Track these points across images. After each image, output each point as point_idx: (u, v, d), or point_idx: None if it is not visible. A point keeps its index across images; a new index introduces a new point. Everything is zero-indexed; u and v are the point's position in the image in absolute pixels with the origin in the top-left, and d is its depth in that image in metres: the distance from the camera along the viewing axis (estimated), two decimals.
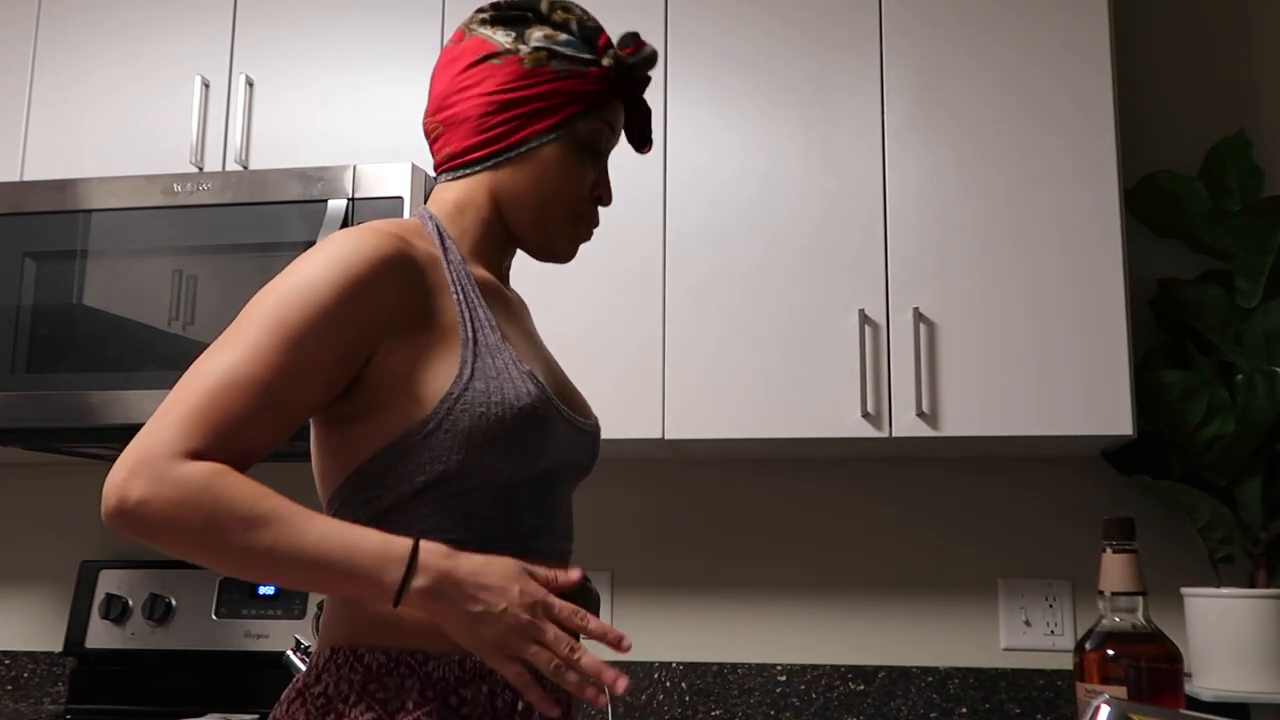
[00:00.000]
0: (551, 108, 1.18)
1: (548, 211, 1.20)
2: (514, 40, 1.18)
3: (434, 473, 1.08)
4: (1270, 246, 2.11)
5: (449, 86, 1.20)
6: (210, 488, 0.97)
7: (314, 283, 1.05)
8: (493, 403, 1.09)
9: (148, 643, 2.38)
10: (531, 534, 1.14)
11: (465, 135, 1.19)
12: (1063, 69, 2.07)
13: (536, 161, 1.19)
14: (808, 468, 2.38)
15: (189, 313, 2.14)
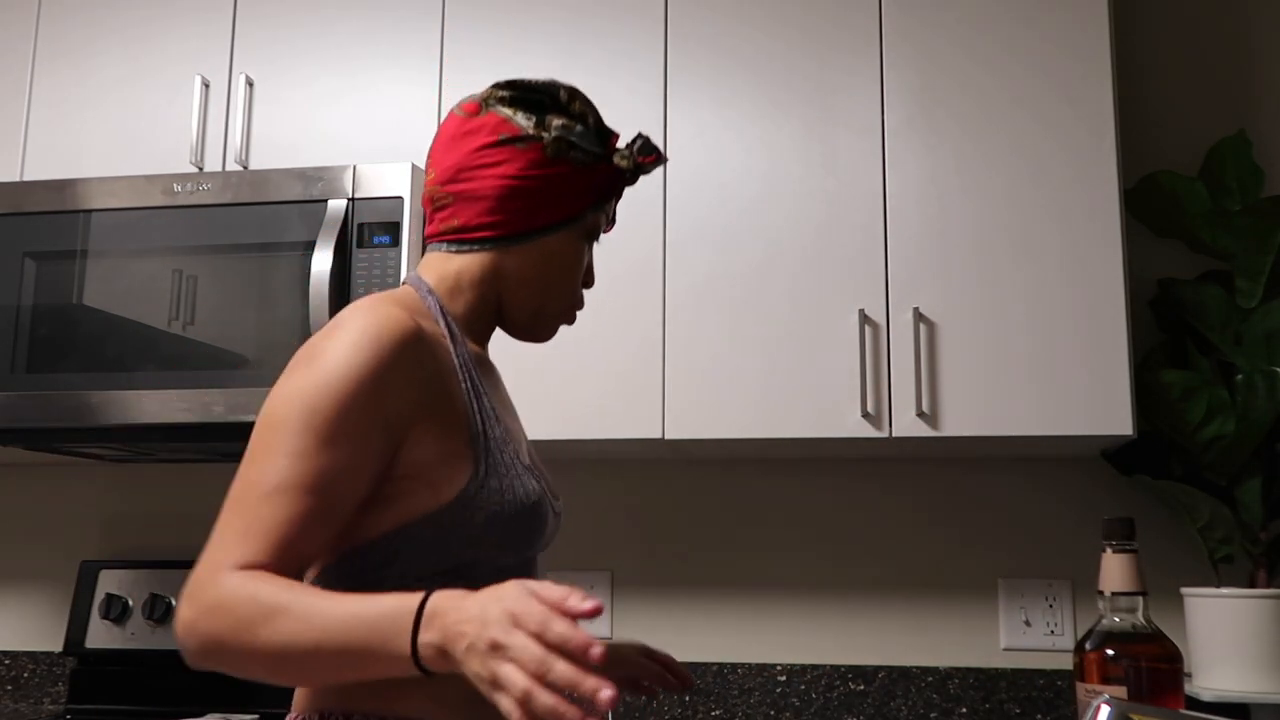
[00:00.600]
0: (565, 199, 1.19)
1: (547, 295, 1.22)
2: (535, 126, 1.18)
3: (443, 566, 1.09)
4: (1270, 246, 2.11)
5: (465, 160, 1.19)
6: (240, 589, 0.95)
7: (343, 373, 1.03)
8: (506, 500, 1.10)
9: (148, 643, 2.38)
10: None
11: (479, 213, 1.18)
12: (1063, 69, 2.07)
13: (543, 247, 1.20)
14: (808, 468, 2.38)
15: (189, 313, 2.14)
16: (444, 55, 2.27)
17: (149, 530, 2.57)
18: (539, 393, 2.11)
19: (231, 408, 2.09)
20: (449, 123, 1.22)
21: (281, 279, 2.12)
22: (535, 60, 2.23)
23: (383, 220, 2.11)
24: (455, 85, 2.25)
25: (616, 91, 2.19)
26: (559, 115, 1.20)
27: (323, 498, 1.00)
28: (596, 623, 2.37)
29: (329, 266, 2.06)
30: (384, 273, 2.09)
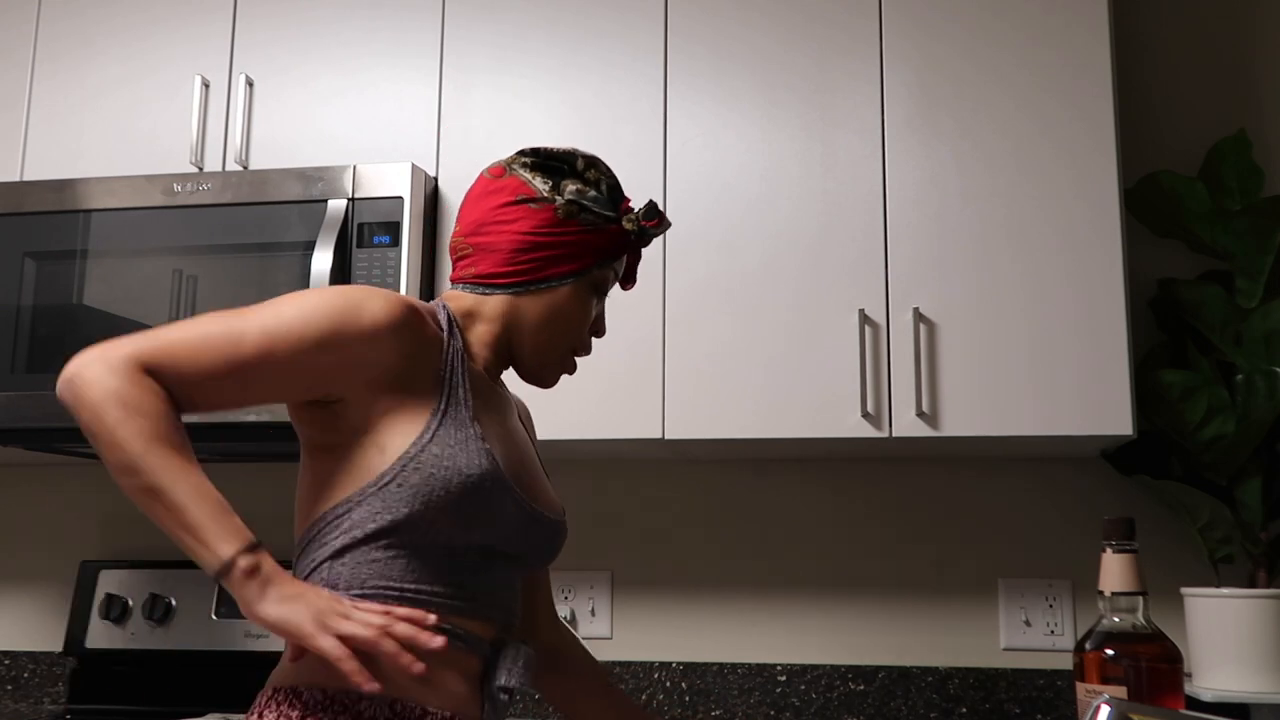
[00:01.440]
0: (574, 255, 1.32)
1: (552, 341, 1.34)
2: (550, 189, 1.32)
3: (383, 522, 1.20)
4: (1270, 246, 2.11)
5: (486, 216, 1.33)
6: (146, 400, 1.10)
7: (330, 305, 1.18)
8: (444, 466, 1.21)
9: (148, 643, 2.38)
10: (471, 597, 1.25)
11: (494, 263, 1.32)
12: (1063, 69, 2.07)
13: (552, 297, 1.33)
14: (808, 468, 2.38)
15: (189, 313, 2.14)
16: (444, 55, 2.27)
17: (149, 530, 2.57)
18: (539, 393, 2.11)
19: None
20: (476, 184, 1.36)
21: (281, 279, 2.12)
22: (535, 60, 2.23)
23: (383, 220, 2.11)
24: (455, 85, 2.25)
25: (616, 91, 2.19)
26: (574, 181, 1.33)
27: (244, 372, 1.16)
28: (597, 621, 2.37)
29: (329, 266, 2.06)
30: (384, 272, 2.09)
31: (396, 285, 2.08)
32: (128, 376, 1.10)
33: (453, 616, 1.23)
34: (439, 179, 2.22)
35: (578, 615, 2.38)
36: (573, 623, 2.37)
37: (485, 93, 2.24)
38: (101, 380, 1.09)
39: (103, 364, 1.10)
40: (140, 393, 1.10)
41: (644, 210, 1.36)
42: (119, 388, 1.10)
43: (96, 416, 1.09)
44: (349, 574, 1.20)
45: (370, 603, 1.16)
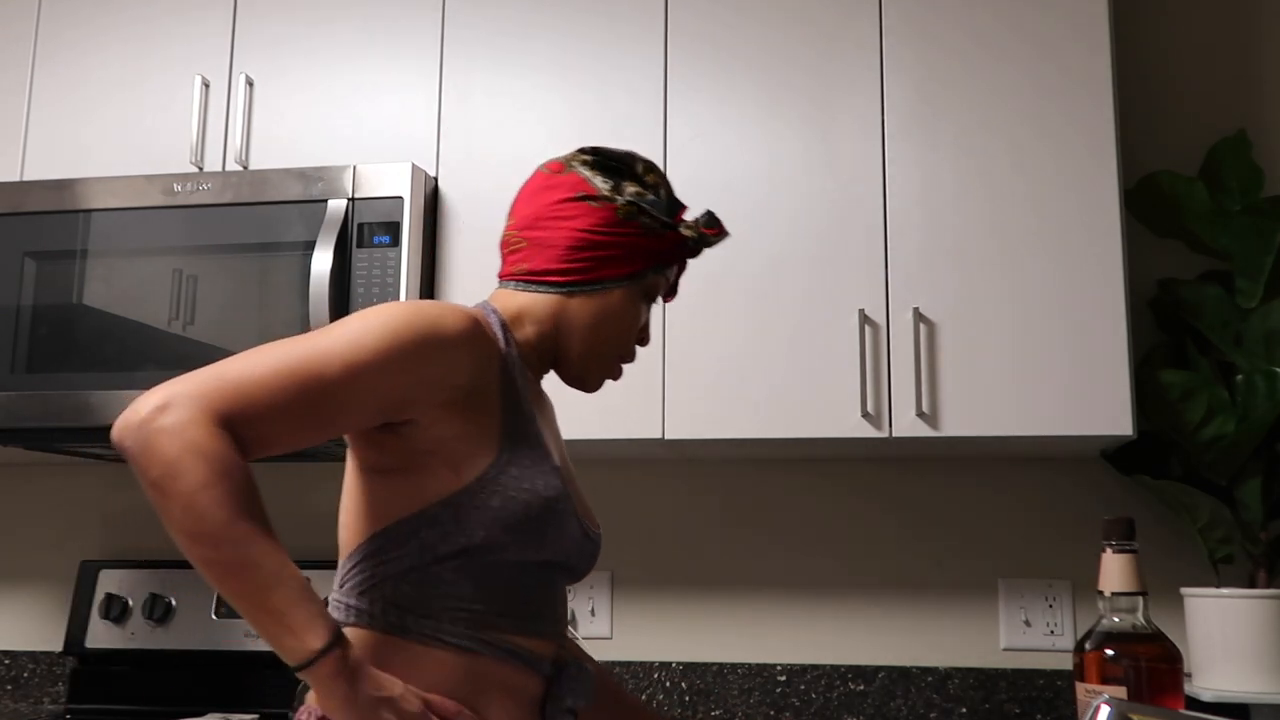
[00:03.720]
0: (629, 257, 1.29)
1: (599, 345, 1.31)
2: (611, 189, 1.29)
3: (456, 544, 1.17)
4: (1270, 246, 2.11)
5: (542, 211, 1.29)
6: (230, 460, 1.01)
7: (408, 328, 1.13)
8: (523, 488, 1.19)
9: (148, 643, 2.38)
10: (534, 616, 1.22)
11: (548, 260, 1.28)
12: (1063, 69, 2.07)
13: (603, 299, 1.29)
14: (808, 468, 2.38)
15: (189, 313, 2.14)
16: (444, 55, 2.27)
17: (149, 530, 2.57)
18: None
19: None
20: (533, 178, 1.33)
21: (281, 279, 2.12)
22: (535, 60, 2.23)
23: (383, 220, 2.11)
24: (455, 85, 2.25)
25: (616, 92, 2.19)
26: (633, 183, 1.30)
27: (320, 408, 1.08)
28: (597, 621, 2.37)
29: (329, 266, 2.06)
30: (384, 272, 2.09)
31: (396, 285, 2.08)
32: (208, 429, 1.01)
33: (517, 636, 1.21)
34: (439, 179, 2.22)
35: (578, 615, 2.38)
36: (573, 622, 2.37)
37: (485, 93, 2.24)
38: (180, 432, 1.00)
39: (179, 411, 1.01)
40: (224, 449, 1.01)
41: (704, 219, 1.33)
42: (199, 443, 1.00)
43: (172, 475, 0.99)
44: (416, 594, 1.17)
45: (446, 701, 1.14)
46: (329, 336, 1.11)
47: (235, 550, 1.00)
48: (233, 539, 1.00)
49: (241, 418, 1.04)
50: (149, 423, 1.00)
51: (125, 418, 1.01)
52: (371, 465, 1.20)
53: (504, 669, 1.19)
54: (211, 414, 1.02)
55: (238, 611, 1.02)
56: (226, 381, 1.04)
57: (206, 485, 0.99)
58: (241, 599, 1.02)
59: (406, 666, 1.16)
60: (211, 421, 1.02)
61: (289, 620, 1.02)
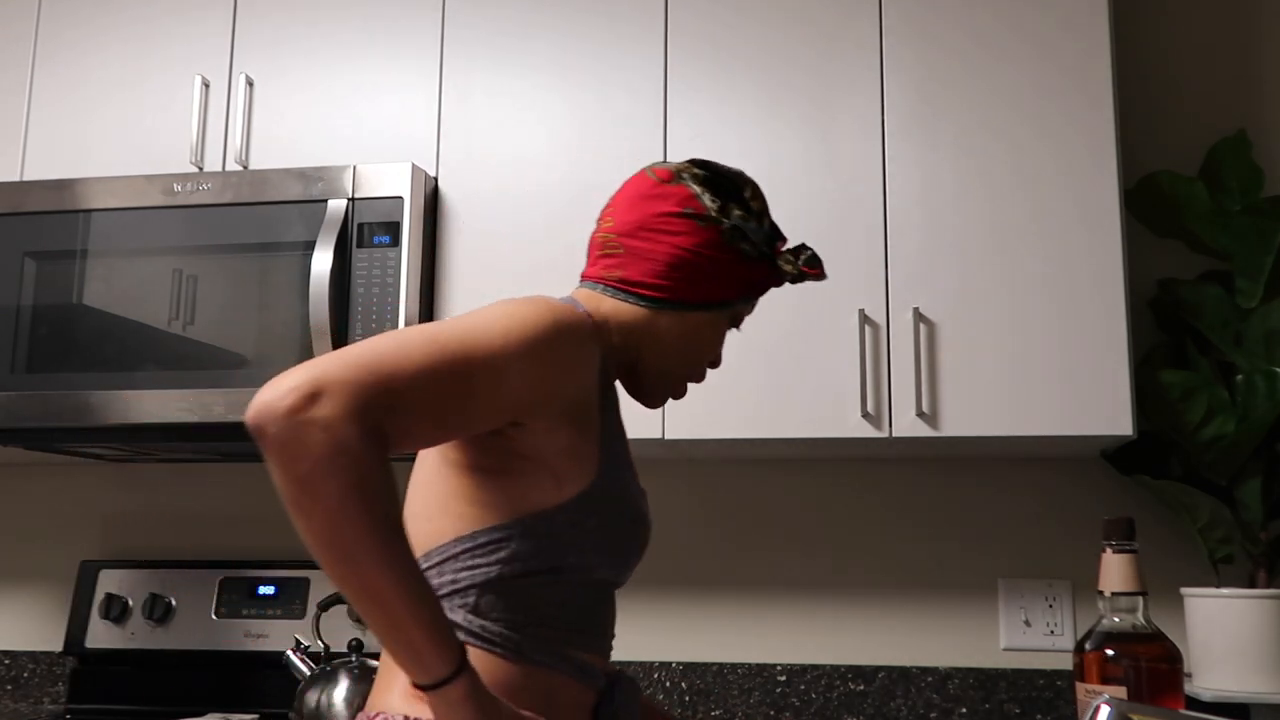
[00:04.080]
0: (726, 284, 1.26)
1: (677, 364, 1.28)
2: (719, 210, 1.25)
3: (549, 562, 1.15)
4: (1270, 246, 2.11)
5: (648, 221, 1.25)
6: (380, 466, 0.96)
7: (543, 327, 1.10)
8: (619, 513, 1.18)
9: (148, 643, 2.38)
10: (600, 633, 1.22)
11: (644, 272, 1.24)
12: (1063, 69, 2.07)
13: (692, 320, 1.26)
14: (808, 468, 2.38)
15: (189, 313, 2.14)
16: (444, 55, 2.27)
17: (149, 530, 2.57)
18: None
19: (231, 408, 2.09)
20: (639, 181, 1.28)
21: (281, 279, 2.12)
22: (535, 60, 2.23)
23: (383, 220, 2.11)
24: (455, 85, 2.25)
25: (617, 91, 2.19)
26: (740, 206, 1.27)
27: (448, 406, 1.04)
28: None
29: (329, 266, 2.06)
30: (384, 273, 2.09)
31: (396, 285, 2.08)
32: (361, 427, 0.95)
33: (584, 652, 1.19)
34: (439, 179, 2.22)
35: None
36: None
37: (485, 93, 2.24)
38: (332, 428, 0.93)
39: (332, 404, 0.94)
40: (375, 452, 0.95)
41: (808, 257, 1.29)
42: (351, 443, 0.93)
43: (322, 474, 0.93)
44: (503, 606, 1.14)
45: None
46: (475, 336, 1.06)
47: (375, 563, 0.95)
48: (374, 550, 0.95)
49: (390, 414, 0.98)
50: (298, 412, 0.93)
51: (268, 402, 0.93)
52: (467, 462, 1.16)
53: (572, 684, 1.18)
54: (364, 409, 0.95)
55: (367, 624, 0.99)
56: (380, 376, 0.98)
57: (354, 491, 0.93)
58: (375, 613, 0.97)
59: (484, 678, 1.14)
60: (365, 418, 0.95)
61: (423, 640, 0.98)
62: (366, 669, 2.03)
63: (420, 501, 1.19)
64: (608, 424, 1.20)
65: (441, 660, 0.99)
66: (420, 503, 1.19)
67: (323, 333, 2.05)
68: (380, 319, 2.07)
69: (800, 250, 1.30)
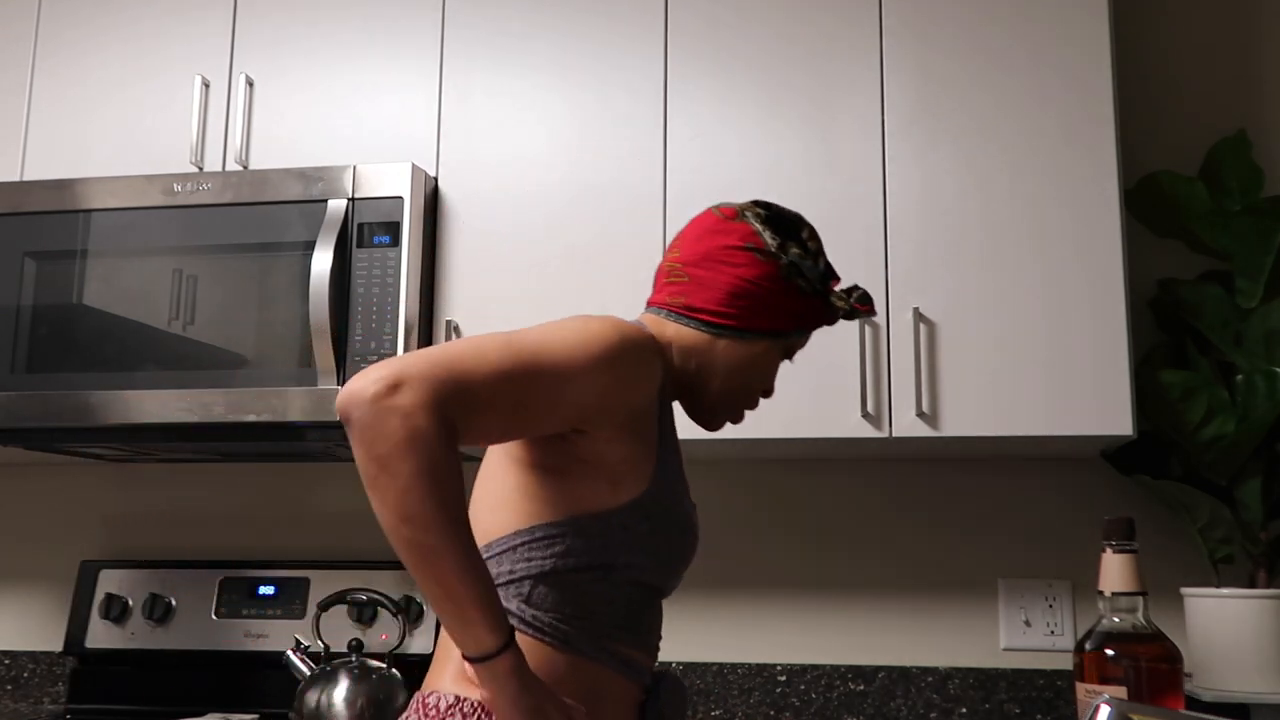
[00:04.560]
0: (781, 315, 1.35)
1: (735, 391, 1.36)
2: (778, 246, 1.35)
3: (600, 559, 1.23)
4: (1270, 246, 2.11)
5: (712, 253, 1.35)
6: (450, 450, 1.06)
7: (612, 343, 1.19)
8: (670, 522, 1.26)
9: (148, 643, 2.38)
10: (647, 632, 1.29)
11: (707, 300, 1.34)
12: (1063, 69, 2.07)
13: (748, 348, 1.35)
14: (808, 468, 2.38)
15: (189, 313, 2.14)
16: (444, 55, 2.27)
17: (149, 530, 2.57)
18: None
19: (231, 408, 2.09)
20: (705, 218, 1.38)
21: (281, 279, 2.12)
22: (535, 60, 2.23)
23: (383, 220, 2.11)
24: (455, 85, 2.25)
25: (617, 91, 2.19)
26: (797, 245, 1.36)
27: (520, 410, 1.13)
28: None
29: (329, 266, 2.06)
30: (384, 273, 2.09)
31: (396, 285, 2.08)
32: (434, 418, 1.05)
33: (630, 649, 1.26)
34: (439, 179, 2.22)
35: None
36: None
37: (485, 93, 2.24)
38: (409, 415, 1.04)
39: (411, 394, 1.05)
40: (445, 440, 1.06)
41: (859, 295, 1.38)
42: (424, 430, 1.04)
43: (398, 455, 1.04)
44: (552, 597, 1.22)
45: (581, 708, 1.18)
46: (548, 345, 1.15)
47: (438, 538, 1.05)
48: (438, 527, 1.04)
49: (462, 411, 1.08)
50: (381, 399, 1.04)
51: (355, 390, 1.05)
52: (530, 460, 1.24)
53: (617, 679, 1.25)
54: (440, 402, 1.06)
55: (426, 596, 1.09)
56: (456, 374, 1.08)
57: (424, 473, 1.04)
58: (433, 585, 1.06)
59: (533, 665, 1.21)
60: (439, 410, 1.05)
61: (475, 615, 1.07)
62: (366, 669, 2.04)
63: (485, 494, 1.28)
64: (665, 438, 1.29)
65: (491, 634, 1.08)
66: (485, 495, 1.28)
67: (323, 333, 2.05)
68: (380, 319, 2.08)
69: (852, 290, 1.39)
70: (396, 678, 2.05)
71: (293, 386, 2.08)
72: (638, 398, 1.22)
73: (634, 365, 1.20)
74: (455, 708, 1.19)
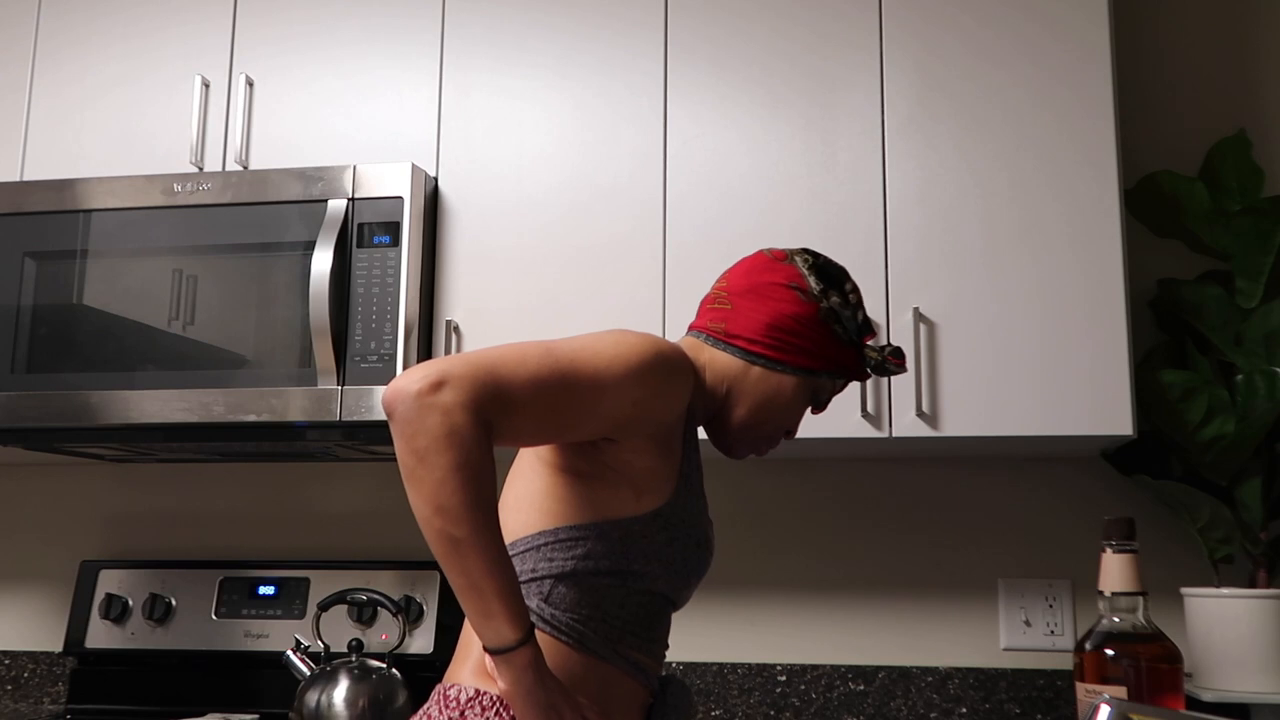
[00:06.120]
0: (815, 355, 1.39)
1: (759, 420, 1.39)
2: (821, 292, 1.40)
3: (618, 565, 1.27)
4: (1270, 246, 2.11)
5: (756, 286, 1.41)
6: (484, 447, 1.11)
7: (649, 357, 1.23)
8: (687, 534, 1.30)
9: (148, 643, 2.38)
10: (657, 638, 1.33)
11: (746, 327, 1.39)
12: (1063, 69, 2.07)
13: (778, 381, 1.39)
14: (808, 468, 2.38)
15: (189, 313, 2.14)
16: (444, 55, 2.27)
17: (149, 530, 2.57)
18: None
19: (231, 408, 2.09)
20: (756, 258, 1.44)
21: (281, 279, 2.12)
22: (535, 60, 2.23)
23: (383, 220, 2.11)
24: (455, 85, 2.25)
25: (617, 90, 2.19)
26: (839, 295, 1.42)
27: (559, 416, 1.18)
28: None
29: (329, 266, 2.06)
30: (384, 272, 2.09)
31: (396, 285, 2.08)
32: (473, 417, 1.10)
33: (640, 653, 1.31)
34: (439, 179, 2.22)
35: None
36: None
37: (485, 93, 2.24)
38: (449, 413, 1.09)
39: (452, 393, 1.10)
40: (482, 439, 1.10)
41: (891, 349, 1.44)
42: (462, 428, 1.09)
43: (436, 449, 1.09)
44: (574, 598, 1.26)
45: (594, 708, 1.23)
46: (585, 355, 1.20)
47: (468, 531, 1.09)
48: (469, 520, 1.09)
49: (501, 413, 1.13)
50: (424, 395, 1.09)
51: (400, 386, 1.10)
52: (559, 464, 1.29)
53: (627, 680, 1.29)
54: (478, 402, 1.10)
55: (452, 587, 1.14)
56: (497, 377, 1.13)
57: (460, 467, 1.09)
58: (460, 575, 1.11)
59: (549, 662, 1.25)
60: (478, 410, 1.10)
61: (497, 607, 1.12)
62: (366, 669, 2.04)
63: (514, 494, 1.33)
64: (689, 455, 1.33)
65: (511, 627, 1.13)
66: (513, 495, 1.32)
67: (323, 333, 2.05)
68: (380, 319, 2.08)
69: (886, 346, 1.45)
70: (396, 678, 2.05)
71: (293, 386, 2.08)
72: (668, 413, 1.26)
73: (666, 380, 1.24)
74: (475, 700, 1.22)
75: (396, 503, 2.50)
